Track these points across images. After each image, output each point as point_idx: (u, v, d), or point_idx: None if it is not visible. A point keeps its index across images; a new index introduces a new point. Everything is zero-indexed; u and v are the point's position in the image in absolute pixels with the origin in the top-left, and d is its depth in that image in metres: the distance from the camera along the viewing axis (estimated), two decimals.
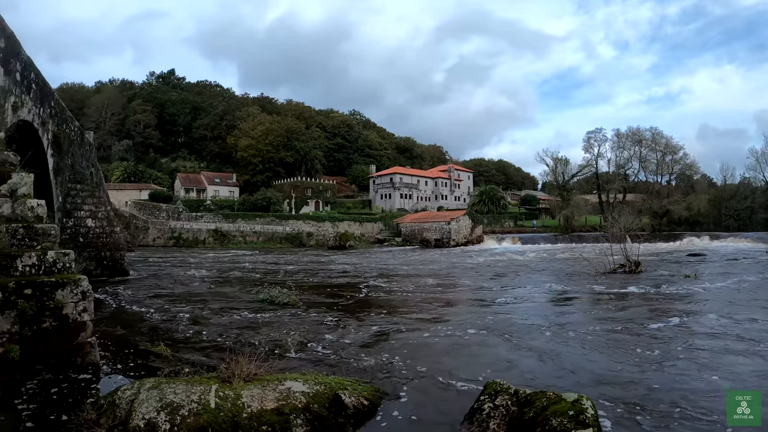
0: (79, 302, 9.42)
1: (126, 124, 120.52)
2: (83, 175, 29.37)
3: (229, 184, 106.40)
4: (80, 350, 9.45)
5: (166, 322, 15.30)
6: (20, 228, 9.44)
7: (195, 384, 6.96)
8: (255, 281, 26.32)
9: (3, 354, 8.59)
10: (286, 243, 75.56)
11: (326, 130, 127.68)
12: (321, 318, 15.30)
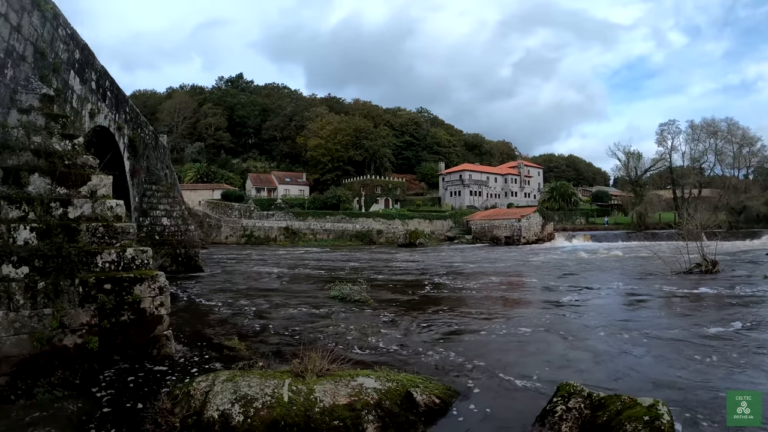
0: (156, 297, 9.92)
1: (197, 127, 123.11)
2: (158, 177, 30.43)
3: (299, 183, 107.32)
4: (156, 342, 9.94)
5: (237, 316, 15.67)
6: (100, 227, 9.94)
7: (269, 378, 7.12)
8: (326, 278, 26.55)
9: (82, 344, 9.11)
10: (356, 240, 76.09)
11: (394, 128, 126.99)
12: (389, 315, 15.33)
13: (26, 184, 9.58)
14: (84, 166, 10.53)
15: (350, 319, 14.80)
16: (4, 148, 9.71)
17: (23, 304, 8.67)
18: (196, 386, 7.15)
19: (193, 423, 6.52)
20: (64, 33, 13.65)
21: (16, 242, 8.97)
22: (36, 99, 10.81)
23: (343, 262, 39.66)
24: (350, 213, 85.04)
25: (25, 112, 10.52)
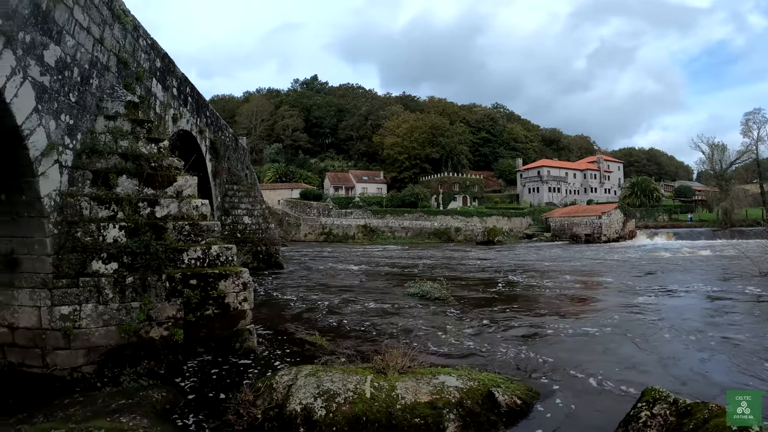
0: (240, 292, 10.35)
1: (275, 129, 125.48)
2: (239, 177, 31.34)
3: (376, 182, 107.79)
4: (239, 336, 10.33)
5: (316, 311, 15.98)
6: (186, 225, 10.47)
7: (351, 373, 7.24)
8: (404, 275, 26.63)
9: (168, 336, 9.63)
10: (434, 238, 75.69)
11: (470, 124, 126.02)
12: (467, 313, 15.28)
13: (115, 185, 10.19)
14: (170, 167, 11.08)
15: (429, 316, 14.84)
16: (93, 152, 10.33)
17: (112, 298, 9.28)
18: (278, 380, 7.34)
19: (274, 415, 6.71)
20: (145, 43, 14.31)
21: (106, 240, 9.57)
22: (121, 106, 11.39)
23: (421, 259, 39.58)
24: (428, 210, 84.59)
25: (111, 118, 11.11)
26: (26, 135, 8.28)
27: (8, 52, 7.63)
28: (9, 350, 9.29)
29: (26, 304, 9.16)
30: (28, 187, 8.74)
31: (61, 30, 9.18)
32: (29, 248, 9.14)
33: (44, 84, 8.74)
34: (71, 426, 6.37)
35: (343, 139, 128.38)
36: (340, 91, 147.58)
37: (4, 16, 7.46)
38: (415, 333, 12.60)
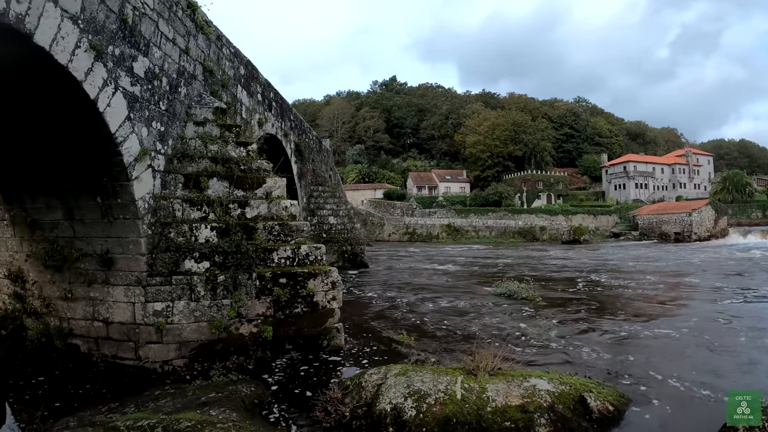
0: (328, 291, 10.58)
1: (356, 131, 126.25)
2: (324, 178, 31.85)
3: (459, 181, 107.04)
4: (327, 334, 10.56)
5: (401, 310, 16.06)
6: (276, 225, 10.80)
7: (441, 374, 7.18)
8: (490, 275, 26.28)
9: (257, 333, 9.93)
10: (519, 237, 74.47)
11: (552, 120, 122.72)
12: (554, 313, 15.00)
13: (206, 188, 10.63)
14: (258, 170, 11.43)
15: (515, 316, 14.67)
16: (184, 156, 10.79)
17: (204, 295, 9.68)
18: (367, 378, 7.39)
19: (363, 414, 6.75)
20: (228, 52, 14.75)
21: (198, 240, 9.99)
22: (209, 112, 11.85)
23: (506, 259, 39.10)
24: (512, 209, 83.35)
25: (200, 124, 11.57)
26: (120, 142, 8.75)
27: (99, 65, 8.08)
28: (103, 343, 9.93)
29: (121, 300, 9.73)
30: (123, 190, 9.22)
31: (148, 42, 9.64)
32: (124, 248, 9.69)
33: (135, 94, 9.20)
34: (162, 417, 6.58)
35: (425, 139, 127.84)
36: (419, 91, 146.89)
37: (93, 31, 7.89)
38: (503, 333, 12.45)
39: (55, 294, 10.46)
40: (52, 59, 7.13)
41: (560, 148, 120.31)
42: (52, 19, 6.92)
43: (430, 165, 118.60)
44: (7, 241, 11.27)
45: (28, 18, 6.48)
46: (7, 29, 6.28)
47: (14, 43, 6.71)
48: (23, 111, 8.53)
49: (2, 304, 11.38)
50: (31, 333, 10.54)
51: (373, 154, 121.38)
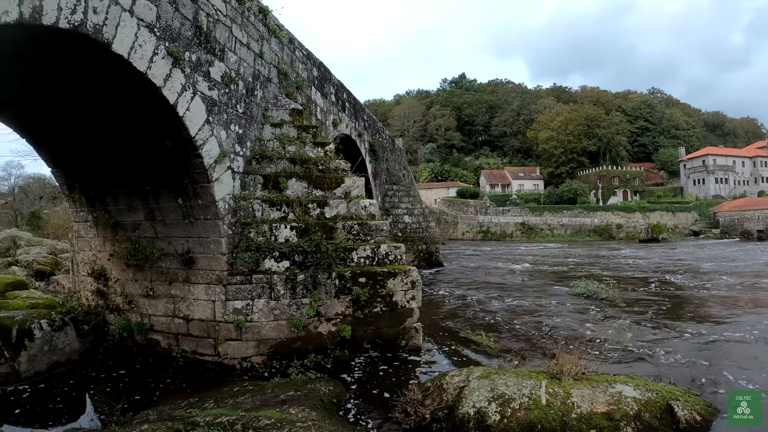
0: (408, 290, 10.57)
1: (428, 129, 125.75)
2: (398, 177, 31.90)
3: (532, 178, 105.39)
4: (405, 334, 10.55)
5: (477, 309, 15.89)
6: (355, 224, 10.88)
7: (525, 377, 7.00)
8: (567, 274, 25.79)
9: (336, 332, 10.01)
10: (594, 235, 72.35)
11: (626, 113, 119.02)
12: (633, 315, 14.44)
13: (284, 188, 10.80)
14: (337, 169, 11.56)
15: (596, 318, 14.28)
16: (263, 158, 10.98)
17: (283, 294, 9.82)
18: (449, 380, 7.29)
19: (443, 416, 6.65)
20: (301, 54, 14.92)
21: (277, 240, 10.15)
22: (286, 113, 12.02)
23: (582, 258, 38.13)
24: (587, 207, 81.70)
25: (277, 125, 11.77)
26: (200, 145, 8.97)
27: (177, 71, 8.32)
28: (183, 339, 10.26)
29: (201, 298, 10.02)
30: (204, 192, 9.45)
31: (223, 47, 9.84)
32: (205, 248, 9.94)
33: (213, 98, 9.42)
34: (241, 413, 6.66)
35: (497, 136, 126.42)
36: (489, 87, 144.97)
37: (170, 38, 8.10)
38: (581, 335, 12.14)
39: (137, 291, 10.85)
40: (130, 67, 7.38)
41: (635, 142, 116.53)
42: (129, 29, 7.16)
43: (503, 162, 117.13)
44: (91, 241, 11.72)
45: (106, 28, 6.71)
46: (85, 39, 6.52)
47: (93, 53, 6.96)
48: (105, 117, 8.87)
49: (85, 301, 11.87)
50: (113, 328, 10.97)
51: (445, 153, 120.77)
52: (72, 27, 6.17)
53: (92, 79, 7.80)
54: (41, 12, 5.72)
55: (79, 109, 8.78)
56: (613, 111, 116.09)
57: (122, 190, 10.36)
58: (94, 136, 9.49)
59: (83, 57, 7.10)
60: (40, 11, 5.71)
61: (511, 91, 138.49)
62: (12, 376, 8.92)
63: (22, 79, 7.89)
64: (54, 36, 6.29)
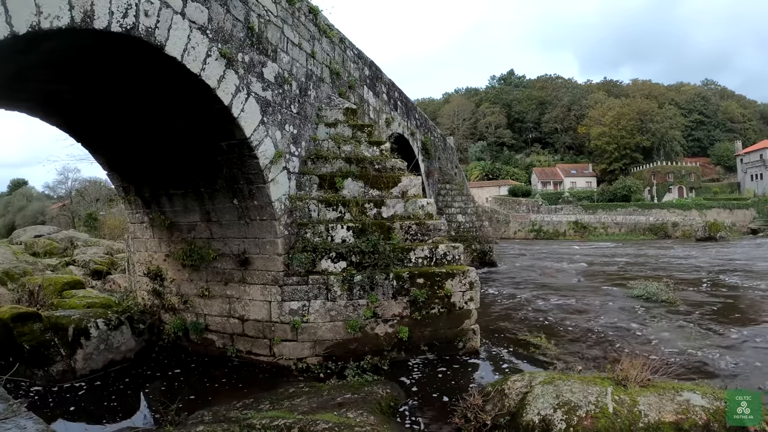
0: (466, 291, 10.40)
1: (477, 127, 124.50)
2: (450, 176, 31.63)
3: (585, 175, 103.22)
4: (463, 336, 10.38)
5: (533, 310, 15.62)
6: (413, 224, 10.73)
7: (590, 383, 6.72)
8: (623, 275, 24.99)
9: (392, 334, 9.90)
10: (650, 234, 70.22)
11: (680, 106, 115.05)
12: (695, 318, 13.98)
13: (341, 188, 10.72)
14: (393, 169, 11.47)
15: (656, 320, 13.83)
16: (318, 158, 10.92)
17: (340, 295, 9.75)
18: (510, 385, 7.07)
19: (506, 423, 6.46)
20: (352, 54, 14.84)
21: (334, 240, 10.09)
22: (340, 113, 11.94)
23: (637, 257, 36.81)
24: (642, 204, 79.32)
25: (331, 125, 11.71)
26: (255, 146, 8.95)
27: (230, 72, 8.30)
28: (238, 339, 10.30)
29: (257, 298, 10.04)
30: (260, 192, 9.44)
31: (275, 48, 9.81)
32: (261, 248, 9.94)
33: (267, 98, 9.39)
34: (298, 416, 6.57)
35: (547, 133, 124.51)
36: (538, 83, 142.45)
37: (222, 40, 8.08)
38: (645, 339, 11.81)
39: (193, 291, 10.95)
40: (184, 69, 7.38)
41: (690, 136, 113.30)
42: (181, 31, 7.15)
43: (554, 160, 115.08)
44: (147, 242, 11.86)
45: (158, 31, 6.72)
46: (138, 42, 6.52)
47: (146, 56, 6.98)
48: (159, 119, 8.92)
49: (141, 300, 11.99)
50: (168, 327, 11.06)
51: (495, 151, 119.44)
52: (124, 30, 6.18)
53: (145, 82, 7.83)
54: (92, 16, 5.72)
55: (132, 112, 8.85)
56: (666, 104, 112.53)
57: (178, 191, 10.42)
58: (148, 138, 9.57)
59: (136, 60, 7.13)
60: (92, 15, 5.71)
61: (561, 87, 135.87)
62: (68, 374, 9.09)
63: (76, 84, 7.98)
64: (106, 40, 6.30)
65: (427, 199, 11.43)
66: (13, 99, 8.47)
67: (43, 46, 6.01)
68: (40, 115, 9.33)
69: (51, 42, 5.95)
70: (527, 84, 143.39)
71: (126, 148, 10.17)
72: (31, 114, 9.20)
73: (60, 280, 14.49)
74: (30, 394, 8.52)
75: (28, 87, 7.93)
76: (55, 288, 13.77)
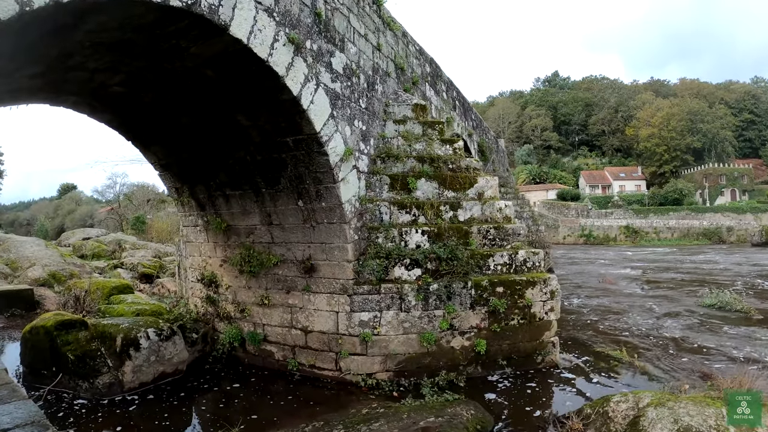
0: (546, 301, 9.59)
1: (523, 130, 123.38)
2: (505, 179, 30.87)
3: (633, 178, 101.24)
4: (542, 348, 9.60)
5: (601, 319, 14.98)
6: (491, 228, 9.92)
7: (703, 405, 6.09)
8: (687, 282, 24.10)
9: (469, 347, 9.11)
10: (703, 239, 68.64)
11: (729, 105, 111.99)
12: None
13: (414, 189, 9.96)
14: (468, 168, 10.68)
15: (735, 331, 13.05)
16: (388, 156, 10.21)
17: (414, 305, 8.99)
18: (614, 407, 6.45)
19: None
20: (414, 49, 14.16)
21: (408, 245, 9.33)
22: (408, 109, 11.22)
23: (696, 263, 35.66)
24: (695, 208, 77.46)
25: (400, 122, 10.97)
26: (325, 141, 8.26)
27: (299, 60, 7.62)
28: (300, 351, 9.61)
29: (323, 308, 9.33)
30: (329, 193, 8.74)
31: (342, 38, 9.14)
32: (328, 254, 9.24)
33: (336, 90, 8.72)
34: None
35: (594, 135, 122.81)
36: (584, 84, 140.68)
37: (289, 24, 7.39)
38: (729, 350, 11.07)
39: (250, 300, 10.33)
40: (251, 53, 6.72)
41: (740, 137, 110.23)
42: (247, 11, 6.48)
43: (602, 163, 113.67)
44: (200, 246, 11.33)
45: (222, 9, 6.03)
46: (200, 20, 5.84)
47: (208, 36, 6.33)
48: (218, 112, 8.31)
49: (194, 307, 11.54)
50: (223, 337, 10.45)
51: (542, 154, 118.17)
52: (185, 5, 5.49)
53: (205, 68, 7.15)
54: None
55: (189, 104, 8.24)
56: (716, 104, 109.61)
57: (235, 192, 9.83)
58: (204, 135, 8.98)
59: (196, 42, 6.45)
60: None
61: (607, 88, 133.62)
62: (115, 386, 8.52)
63: (128, 72, 7.31)
64: (164, 16, 5.65)
65: (504, 201, 10.65)
66: (58, 92, 7.86)
67: (91, 22, 5.36)
68: (87, 111, 8.80)
69: (101, 16, 5.29)
70: (572, 85, 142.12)
71: (180, 145, 9.62)
72: (78, 110, 8.67)
73: (107, 284, 14.34)
74: (74, 407, 8.01)
75: (75, 77, 7.24)
76: (103, 292, 13.68)
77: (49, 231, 68.65)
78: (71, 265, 18.27)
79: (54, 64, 6.48)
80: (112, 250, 26.11)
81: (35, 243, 21.02)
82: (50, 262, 17.45)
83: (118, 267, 21.38)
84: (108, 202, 73.12)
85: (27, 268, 16.59)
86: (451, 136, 13.22)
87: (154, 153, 10.28)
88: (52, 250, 20.39)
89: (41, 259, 17.70)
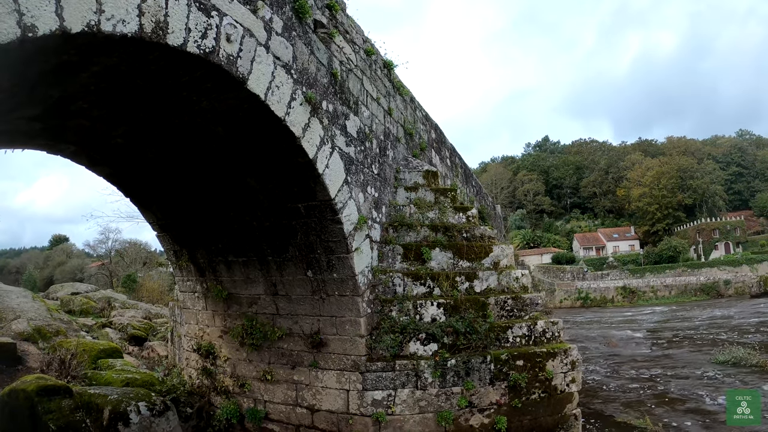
0: (568, 372, 9.14)
1: (516, 195, 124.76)
2: None
3: (627, 238, 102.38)
4: (564, 422, 9.08)
5: (614, 385, 14.80)
6: (508, 299, 9.47)
7: None
8: (692, 339, 24.19)
9: (489, 425, 8.54)
10: (702, 294, 68.49)
11: (717, 160, 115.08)
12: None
13: (428, 259, 9.56)
14: (483, 237, 10.35)
15: (758, 387, 12.73)
16: (401, 225, 9.86)
17: (431, 383, 8.48)
18: None
19: None
20: (421, 114, 14.03)
21: (423, 319, 8.88)
22: (419, 176, 10.97)
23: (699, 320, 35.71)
24: (691, 264, 77.97)
25: (412, 189, 10.69)
26: (339, 208, 7.93)
27: (315, 121, 7.35)
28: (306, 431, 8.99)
29: (332, 386, 8.77)
30: (341, 264, 8.34)
31: (356, 100, 8.92)
32: (338, 328, 8.76)
33: (350, 155, 8.45)
34: None
35: (586, 197, 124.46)
36: (573, 148, 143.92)
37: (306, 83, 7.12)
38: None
39: (251, 374, 9.76)
40: (267, 111, 6.41)
41: (730, 190, 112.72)
42: (266, 65, 6.20)
43: (594, 224, 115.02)
44: (198, 314, 10.83)
45: (240, 61, 5.75)
46: (216, 71, 5.55)
47: (224, 89, 6.01)
48: (226, 173, 7.95)
49: (188, 379, 10.99)
50: (220, 413, 9.80)
51: (535, 218, 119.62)
52: (202, 53, 5.19)
53: (216, 124, 6.81)
54: (166, 29, 4.74)
55: (195, 163, 7.89)
56: (705, 159, 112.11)
57: (238, 259, 9.36)
58: (209, 196, 8.59)
59: (209, 95, 6.12)
60: (165, 28, 4.73)
61: (597, 150, 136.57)
62: None
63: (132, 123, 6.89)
64: (178, 64, 5.33)
65: (521, 270, 10.26)
66: (57, 139, 7.37)
67: (97, 62, 4.99)
68: (86, 163, 8.32)
69: (109, 57, 4.94)
70: (562, 149, 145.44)
71: (182, 206, 9.22)
72: (77, 160, 8.19)
73: (95, 347, 13.91)
74: None
75: (76, 124, 6.74)
76: (90, 356, 13.09)
77: (37, 281, 68.02)
78: (58, 321, 17.67)
79: (54, 108, 6.00)
80: (101, 307, 25.41)
81: (22, 294, 20.40)
82: (36, 316, 16.87)
83: (106, 326, 20.70)
84: (99, 257, 72.60)
85: (11, 320, 15.92)
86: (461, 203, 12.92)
87: (154, 213, 9.87)
88: (39, 303, 19.73)
89: (27, 312, 17.09)
